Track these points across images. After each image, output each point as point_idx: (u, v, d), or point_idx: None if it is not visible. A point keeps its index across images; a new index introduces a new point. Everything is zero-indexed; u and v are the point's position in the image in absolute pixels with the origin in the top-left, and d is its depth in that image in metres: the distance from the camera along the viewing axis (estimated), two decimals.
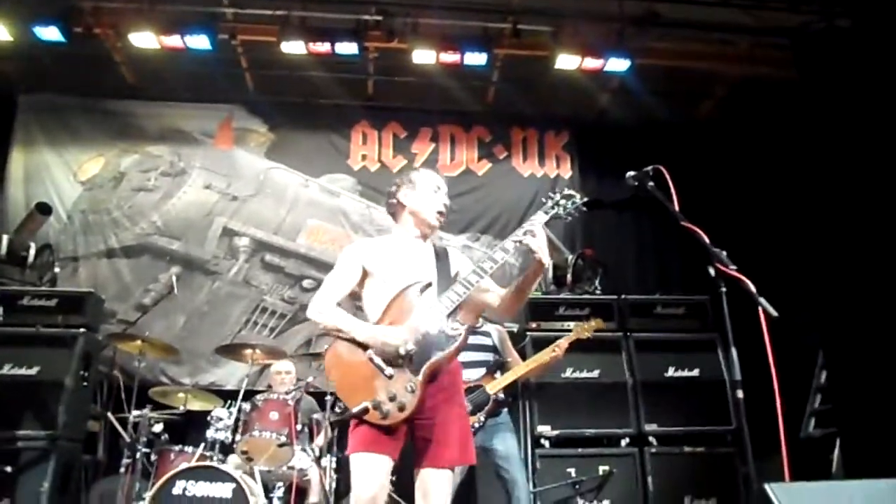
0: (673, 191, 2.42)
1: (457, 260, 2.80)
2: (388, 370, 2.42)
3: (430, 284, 2.58)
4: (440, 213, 2.77)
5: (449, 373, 2.55)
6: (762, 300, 1.95)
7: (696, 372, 5.15)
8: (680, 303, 5.47)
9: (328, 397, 4.33)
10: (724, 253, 2.13)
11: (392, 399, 2.38)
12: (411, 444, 2.51)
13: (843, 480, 1.33)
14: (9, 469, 4.29)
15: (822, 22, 5.58)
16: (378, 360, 2.43)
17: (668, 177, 2.45)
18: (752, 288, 1.98)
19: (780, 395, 2.29)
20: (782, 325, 2.20)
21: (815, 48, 5.68)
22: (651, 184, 2.48)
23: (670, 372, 5.14)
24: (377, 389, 2.40)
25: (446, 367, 2.52)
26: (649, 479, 4.75)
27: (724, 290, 2.10)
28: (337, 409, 2.45)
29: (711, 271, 2.13)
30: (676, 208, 2.37)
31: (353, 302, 2.76)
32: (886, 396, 4.73)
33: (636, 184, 2.60)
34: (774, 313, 1.95)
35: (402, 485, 3.83)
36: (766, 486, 1.43)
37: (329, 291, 2.66)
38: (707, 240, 2.21)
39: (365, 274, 2.67)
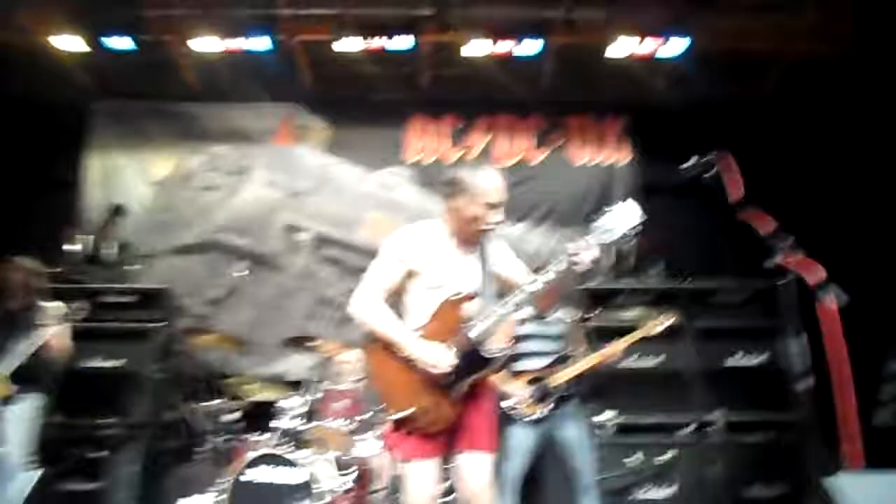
0: (738, 175, 2.36)
1: (498, 255, 2.72)
2: (431, 379, 2.49)
3: (474, 296, 2.59)
4: (487, 230, 2.61)
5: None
6: (833, 286, 1.91)
7: (760, 359, 5.05)
8: (744, 289, 5.35)
9: None
10: (792, 238, 2.09)
11: (435, 409, 2.47)
12: None
13: None
14: (106, 453, 4.59)
15: None
16: (423, 369, 2.49)
17: (731, 162, 2.40)
18: (812, 280, 1.94)
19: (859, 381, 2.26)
20: (849, 310, 2.16)
21: (879, 23, 5.45)
22: (708, 174, 2.44)
23: (734, 359, 5.05)
24: (420, 397, 2.47)
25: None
26: (714, 468, 4.69)
27: (785, 281, 2.07)
28: (379, 409, 2.52)
29: (769, 264, 2.10)
30: (737, 196, 2.33)
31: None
32: None
33: (695, 173, 2.56)
34: (846, 299, 1.91)
35: None
36: (834, 477, 1.43)
37: (372, 287, 2.61)
38: (771, 228, 2.17)
39: (409, 273, 2.62)
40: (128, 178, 6.74)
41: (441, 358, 2.47)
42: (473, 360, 2.51)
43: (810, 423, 4.82)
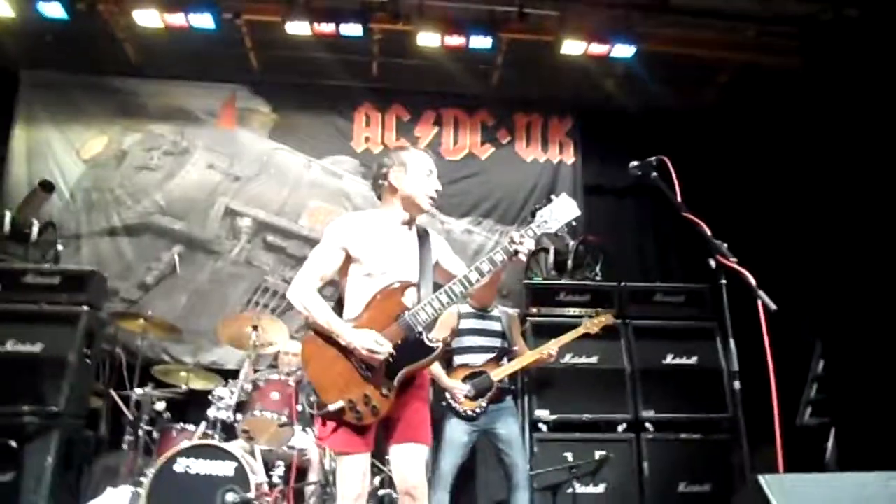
0: (676, 181, 2.42)
1: (437, 245, 2.76)
2: (365, 371, 2.46)
3: (412, 285, 2.58)
4: (432, 197, 2.69)
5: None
6: (762, 293, 1.97)
7: (693, 360, 5.19)
8: (679, 291, 5.50)
9: None
10: (725, 245, 2.15)
11: (367, 402, 2.44)
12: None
13: (834, 472, 1.35)
14: (13, 444, 4.34)
15: (831, 12, 5.56)
16: (356, 361, 2.46)
17: (671, 167, 2.45)
18: (752, 281, 1.99)
19: (777, 385, 2.32)
20: (781, 316, 2.22)
21: (822, 38, 5.67)
22: (654, 174, 2.49)
23: (668, 359, 5.18)
24: (352, 389, 2.44)
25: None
26: (645, 465, 4.81)
27: (724, 282, 2.11)
28: (311, 400, 2.46)
29: (712, 263, 2.14)
30: (679, 199, 2.37)
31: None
32: (882, 387, 4.78)
33: (639, 173, 2.60)
34: (773, 307, 1.97)
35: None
36: (760, 478, 1.46)
37: (311, 274, 2.59)
38: (708, 231, 2.22)
39: (348, 258, 2.60)
40: (57, 154, 6.42)
41: (378, 344, 2.43)
42: (412, 350, 2.48)
43: (738, 423, 5.03)
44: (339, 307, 2.64)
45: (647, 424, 4.95)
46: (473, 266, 2.53)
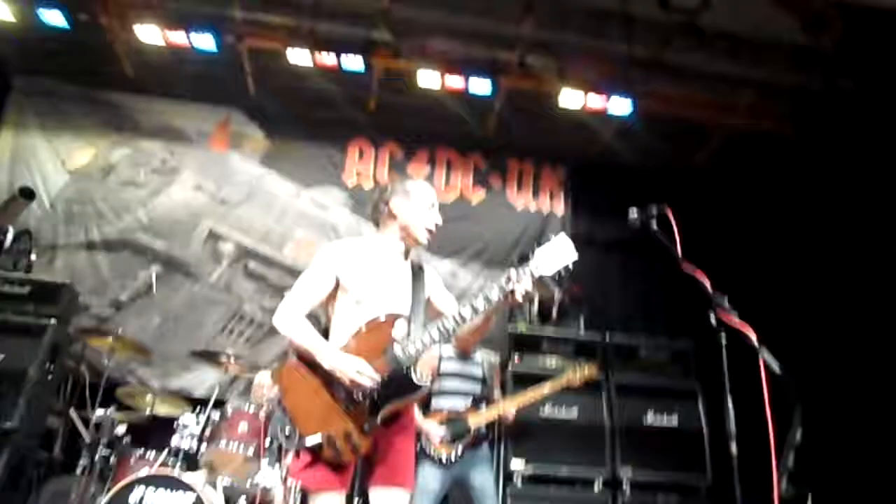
0: (676, 232, 2.36)
1: (431, 282, 2.66)
2: (347, 404, 2.32)
3: (401, 317, 2.47)
4: (430, 231, 2.63)
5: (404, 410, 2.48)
6: (765, 352, 1.90)
7: (674, 420, 5.08)
8: (664, 347, 5.42)
9: None
10: (726, 299, 2.08)
11: (347, 439, 2.29)
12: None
13: None
14: None
15: (824, 82, 5.67)
16: (338, 392, 2.33)
17: (672, 218, 2.40)
18: (755, 339, 1.92)
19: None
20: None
21: (815, 107, 5.77)
22: (655, 226, 2.43)
23: (649, 417, 5.07)
24: (332, 423, 2.30)
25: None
26: None
27: (724, 335, 2.04)
28: (287, 432, 2.31)
29: (713, 319, 2.07)
30: (679, 251, 2.32)
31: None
32: (860, 458, 4.72)
33: (638, 224, 2.54)
34: (777, 369, 1.89)
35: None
36: None
37: (298, 300, 2.49)
38: (709, 285, 2.16)
39: (338, 286, 2.51)
40: (41, 162, 6.30)
41: (363, 370, 2.31)
42: (398, 385, 2.35)
43: (733, 488, 4.92)
44: (324, 336, 2.52)
45: (625, 483, 4.80)
46: (468, 302, 2.41)
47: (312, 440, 2.25)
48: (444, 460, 3.90)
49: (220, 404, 4.42)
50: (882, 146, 5.09)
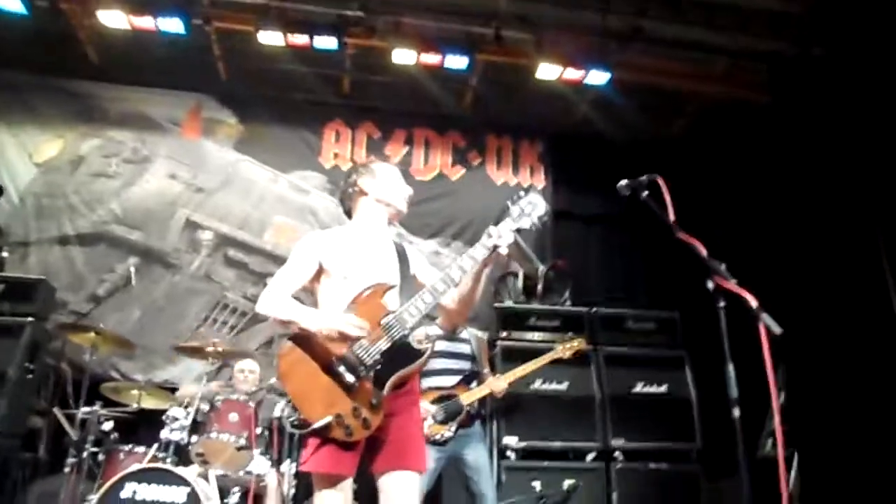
0: (668, 200, 2.34)
1: (416, 259, 2.64)
2: (351, 379, 2.25)
3: (392, 287, 2.44)
4: (406, 198, 2.65)
5: (409, 380, 2.41)
6: (765, 316, 1.89)
7: (663, 388, 5.14)
8: (650, 318, 5.46)
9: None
10: (724, 266, 2.07)
11: (356, 415, 2.23)
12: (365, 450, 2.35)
13: None
14: None
15: (798, 49, 5.69)
16: (340, 370, 2.26)
17: (664, 187, 2.38)
18: (754, 303, 1.92)
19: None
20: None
21: (789, 74, 5.79)
22: (646, 192, 2.41)
23: (638, 387, 5.12)
24: (339, 402, 2.24)
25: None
26: (614, 495, 4.71)
27: (722, 304, 2.03)
28: (293, 420, 2.25)
29: (710, 285, 2.06)
30: (672, 218, 2.30)
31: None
32: (845, 418, 4.80)
33: (628, 193, 2.51)
34: (778, 330, 1.89)
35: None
36: None
37: (281, 284, 2.45)
38: (704, 252, 2.14)
39: (321, 269, 2.47)
40: (7, 156, 6.09)
41: (352, 321, 2.27)
42: (399, 354, 2.30)
43: (737, 452, 4.99)
44: None
45: (617, 453, 4.86)
46: (455, 263, 2.38)
47: (321, 423, 2.19)
48: (437, 440, 3.90)
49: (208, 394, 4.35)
50: (855, 111, 5.13)
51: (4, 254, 5.26)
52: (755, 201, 6.04)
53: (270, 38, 5.41)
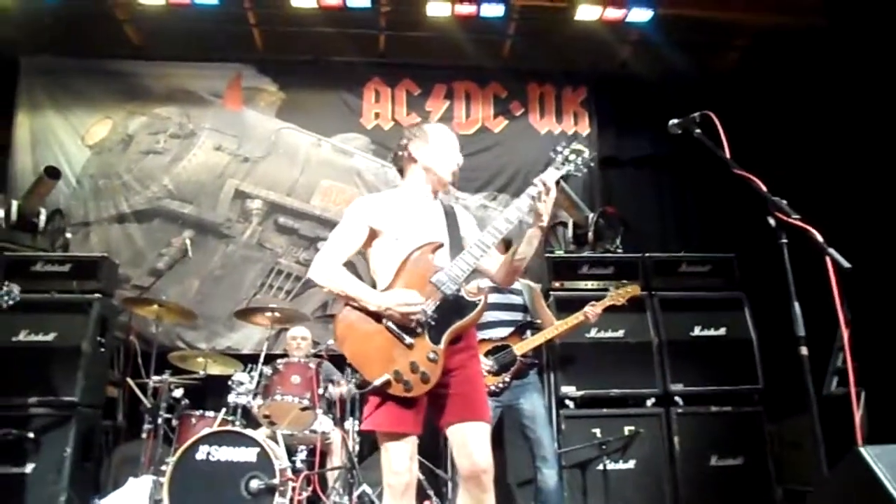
0: (723, 137, 2.26)
1: (464, 220, 2.64)
2: (408, 339, 2.28)
3: (441, 245, 2.44)
4: (454, 171, 2.59)
5: (466, 333, 2.43)
6: (832, 251, 1.82)
7: (722, 331, 5.03)
8: (705, 261, 5.32)
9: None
10: (785, 202, 1.99)
11: (414, 370, 2.25)
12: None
13: None
14: (31, 435, 4.26)
15: None
16: (396, 329, 2.29)
17: (717, 123, 2.29)
18: (820, 238, 1.84)
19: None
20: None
21: None
22: (698, 131, 2.33)
23: (696, 331, 5.02)
24: (396, 359, 2.26)
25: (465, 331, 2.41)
26: (675, 439, 4.68)
27: (785, 240, 1.96)
28: (354, 381, 2.29)
29: (771, 221, 1.98)
30: (727, 155, 2.22)
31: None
32: None
33: (680, 131, 2.43)
34: (847, 265, 1.82)
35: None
36: (861, 450, 1.33)
37: (333, 251, 2.47)
38: (764, 188, 2.06)
39: (373, 233, 2.49)
40: (61, 141, 6.29)
41: (410, 300, 2.29)
42: (452, 308, 2.32)
43: (770, 393, 4.91)
44: (371, 285, 2.50)
45: (677, 398, 4.82)
46: (500, 216, 2.38)
47: (380, 380, 2.23)
48: (492, 390, 3.93)
49: (270, 359, 4.48)
50: None
51: (68, 235, 5.46)
52: (814, 134, 5.77)
53: (303, 0, 5.36)
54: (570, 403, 4.76)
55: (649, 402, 4.81)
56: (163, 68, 6.49)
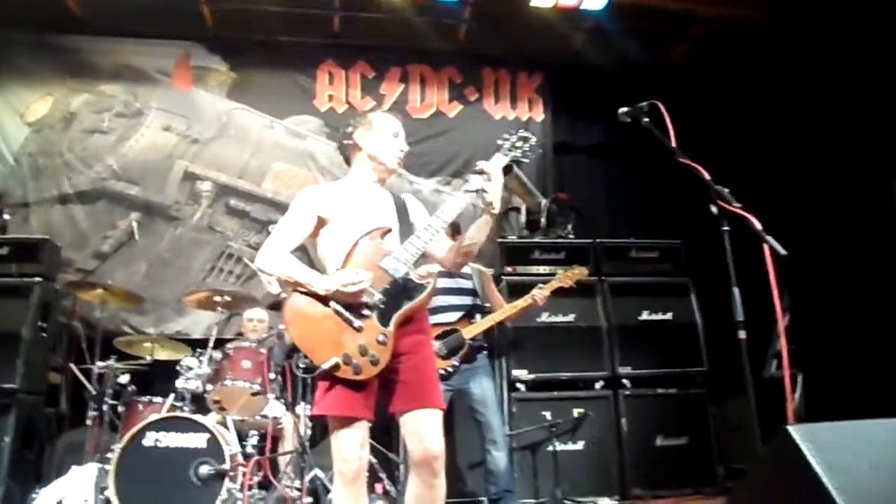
0: (670, 126, 2.31)
1: (415, 208, 2.66)
2: (357, 322, 2.28)
3: (390, 230, 2.46)
4: (398, 158, 2.62)
5: (417, 317, 2.45)
6: (770, 238, 1.89)
7: (669, 315, 5.19)
8: (654, 247, 5.47)
9: None
10: (727, 190, 2.05)
11: (363, 353, 2.25)
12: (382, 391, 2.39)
13: (863, 420, 1.31)
14: None
15: None
16: (344, 312, 2.29)
17: (665, 113, 2.34)
18: (759, 226, 1.91)
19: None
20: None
21: None
22: (646, 119, 2.37)
23: (644, 315, 5.17)
24: (345, 343, 2.26)
25: (415, 314, 2.42)
26: (623, 421, 4.82)
27: (726, 228, 2.03)
28: (301, 364, 2.28)
29: (713, 209, 2.05)
30: (674, 143, 2.27)
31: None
32: (848, 338, 4.86)
33: (629, 120, 2.48)
34: (783, 252, 1.89)
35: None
36: (789, 428, 1.39)
37: (280, 240, 2.47)
38: (707, 176, 2.13)
39: (320, 222, 2.50)
40: None
41: (358, 277, 2.29)
42: (402, 291, 2.34)
43: (713, 375, 5.08)
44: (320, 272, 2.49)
45: (625, 381, 4.95)
46: (449, 200, 2.43)
47: (329, 364, 2.22)
48: (441, 374, 3.96)
49: (220, 344, 4.42)
50: (859, 25, 4.98)
51: (6, 216, 5.25)
52: (758, 125, 5.95)
53: None
54: (521, 387, 4.84)
55: (598, 385, 4.93)
56: (108, 44, 6.24)
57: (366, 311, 2.30)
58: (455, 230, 3.23)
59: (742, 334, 1.99)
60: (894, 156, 4.78)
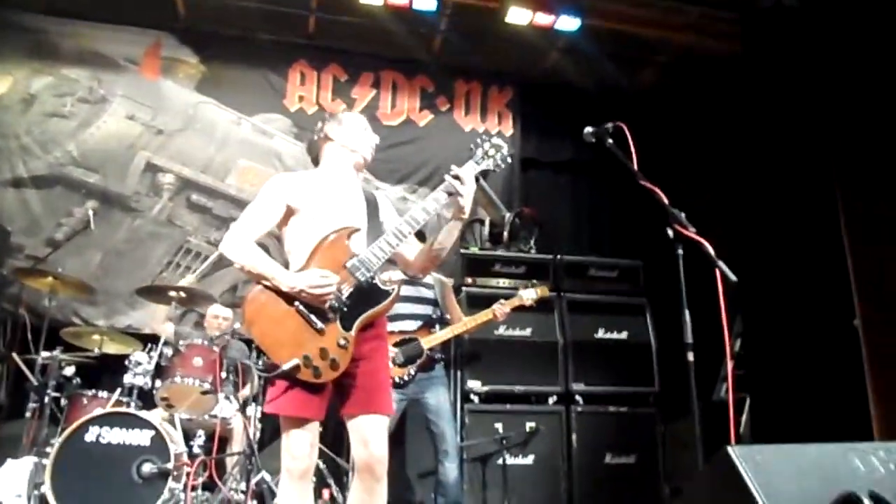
0: (633, 149, 2.36)
1: (385, 208, 2.65)
2: (319, 324, 2.26)
3: (358, 230, 2.45)
4: (371, 148, 2.66)
5: (376, 322, 2.44)
6: (721, 264, 1.94)
7: (624, 335, 5.26)
8: (613, 266, 5.54)
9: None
10: (683, 215, 2.10)
11: (324, 356, 2.24)
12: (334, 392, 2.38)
13: (798, 444, 1.35)
14: None
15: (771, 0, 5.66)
16: (307, 313, 2.27)
17: (628, 135, 2.39)
18: (711, 251, 1.96)
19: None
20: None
21: (762, 25, 5.77)
22: (610, 140, 2.42)
23: (600, 333, 5.23)
24: (306, 344, 2.25)
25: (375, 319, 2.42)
26: (574, 437, 4.86)
27: (680, 252, 2.07)
28: (260, 364, 2.26)
29: (670, 232, 2.09)
30: (635, 166, 2.32)
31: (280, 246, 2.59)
32: (796, 365, 4.99)
33: (594, 140, 2.52)
34: (734, 278, 1.94)
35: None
36: (729, 449, 1.43)
37: (247, 226, 2.42)
38: (666, 200, 2.17)
39: (289, 211, 2.46)
40: None
41: (322, 279, 2.27)
42: (365, 296, 2.33)
43: (665, 395, 5.16)
44: (284, 265, 2.46)
45: (578, 397, 4.99)
46: (418, 206, 2.41)
47: (289, 365, 2.20)
48: (397, 381, 3.96)
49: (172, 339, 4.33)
50: (823, 64, 5.15)
51: None
52: (720, 153, 6.10)
53: None
54: (475, 398, 4.84)
55: (551, 400, 4.97)
56: (74, 27, 6.09)
57: (330, 314, 2.28)
58: (420, 237, 3.24)
59: (690, 356, 2.03)
60: (846, 189, 4.93)
